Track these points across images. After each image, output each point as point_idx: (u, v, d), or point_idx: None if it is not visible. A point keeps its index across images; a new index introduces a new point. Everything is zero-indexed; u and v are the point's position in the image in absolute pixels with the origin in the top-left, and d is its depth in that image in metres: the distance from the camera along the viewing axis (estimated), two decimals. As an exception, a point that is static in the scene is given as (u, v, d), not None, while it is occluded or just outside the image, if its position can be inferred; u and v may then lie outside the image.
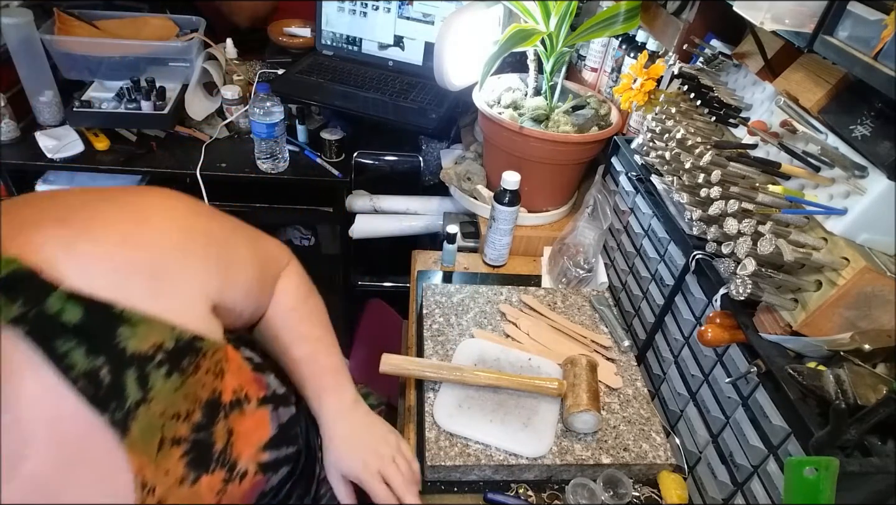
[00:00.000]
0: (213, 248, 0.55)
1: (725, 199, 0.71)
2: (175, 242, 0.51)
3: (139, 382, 0.46)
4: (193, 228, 0.54)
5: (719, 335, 0.70)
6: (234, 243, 0.61)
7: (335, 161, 1.49)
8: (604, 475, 0.79)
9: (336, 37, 1.57)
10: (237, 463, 0.56)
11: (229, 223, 0.62)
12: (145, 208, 0.51)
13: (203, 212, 0.57)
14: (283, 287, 0.71)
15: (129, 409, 0.46)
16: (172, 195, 0.54)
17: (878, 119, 0.61)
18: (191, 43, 1.50)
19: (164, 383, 0.48)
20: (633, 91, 1.02)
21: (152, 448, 0.48)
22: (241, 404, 0.57)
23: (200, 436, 0.52)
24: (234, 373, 0.57)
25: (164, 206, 0.52)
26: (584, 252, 1.13)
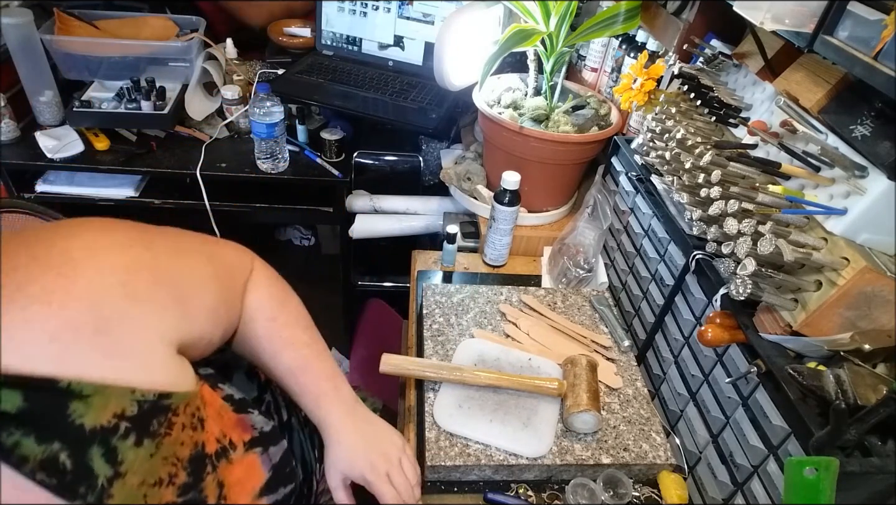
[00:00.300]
0: (161, 282, 0.48)
1: (725, 199, 0.71)
2: (114, 288, 0.44)
3: (107, 458, 0.41)
4: (133, 265, 0.47)
5: (719, 335, 0.70)
6: (185, 268, 0.53)
7: (335, 161, 1.49)
8: (604, 475, 0.79)
9: (336, 37, 1.57)
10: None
11: (175, 245, 0.55)
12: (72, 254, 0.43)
13: (141, 241, 0.50)
14: (256, 299, 0.65)
15: (101, 488, 0.41)
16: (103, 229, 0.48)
17: (878, 119, 0.61)
18: (191, 43, 1.50)
19: (135, 453, 0.43)
20: (633, 91, 1.02)
21: None
22: (227, 453, 0.53)
23: (190, 497, 0.48)
24: (215, 419, 0.52)
25: (93, 248, 0.45)
26: (584, 252, 1.13)
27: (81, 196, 1.44)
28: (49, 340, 0.39)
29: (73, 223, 0.48)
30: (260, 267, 0.68)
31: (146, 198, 1.46)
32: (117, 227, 0.49)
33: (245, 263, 0.66)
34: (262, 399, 0.72)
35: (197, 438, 0.49)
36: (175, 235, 0.56)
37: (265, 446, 0.58)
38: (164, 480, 0.46)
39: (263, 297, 0.66)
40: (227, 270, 0.62)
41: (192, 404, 0.49)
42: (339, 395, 0.70)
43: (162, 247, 0.52)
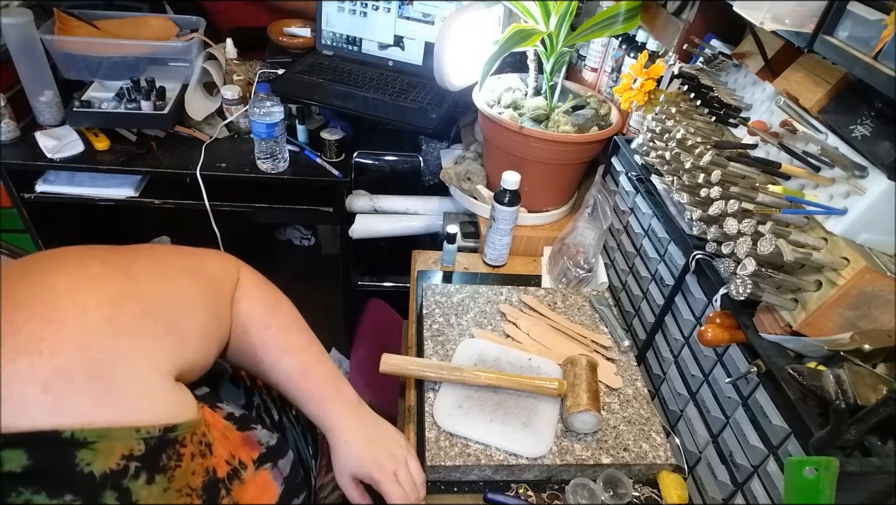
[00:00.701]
0: (148, 311, 0.47)
1: (725, 199, 0.71)
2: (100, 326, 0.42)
3: (121, 500, 0.41)
4: (117, 298, 0.45)
5: (719, 335, 0.70)
6: (170, 292, 0.51)
7: (335, 161, 1.49)
8: (604, 475, 0.79)
9: (336, 37, 1.57)
10: None
11: (156, 267, 0.52)
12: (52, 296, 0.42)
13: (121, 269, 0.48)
14: (246, 308, 0.64)
15: None
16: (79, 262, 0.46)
17: (878, 119, 0.61)
18: (191, 43, 1.50)
19: (149, 491, 0.42)
20: (633, 91, 1.02)
21: None
22: (238, 474, 0.52)
23: None
24: (222, 441, 0.52)
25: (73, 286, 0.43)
26: (584, 252, 1.13)
27: (81, 196, 1.44)
28: (43, 392, 0.38)
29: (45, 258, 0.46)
30: (247, 274, 0.66)
31: (146, 198, 1.46)
32: (93, 257, 0.47)
33: (231, 272, 0.64)
34: (251, 403, 0.72)
35: (207, 465, 0.48)
36: (154, 255, 0.54)
37: (274, 461, 0.58)
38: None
39: (254, 305, 0.65)
40: (214, 284, 0.60)
41: (198, 431, 0.48)
42: (343, 397, 0.70)
43: (143, 272, 0.49)
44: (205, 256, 0.61)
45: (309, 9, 1.68)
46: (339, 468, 0.70)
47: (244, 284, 0.65)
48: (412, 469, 0.72)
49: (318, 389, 0.69)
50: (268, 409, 0.74)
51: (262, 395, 0.74)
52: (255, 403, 0.73)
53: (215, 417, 0.53)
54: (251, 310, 0.64)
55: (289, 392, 0.69)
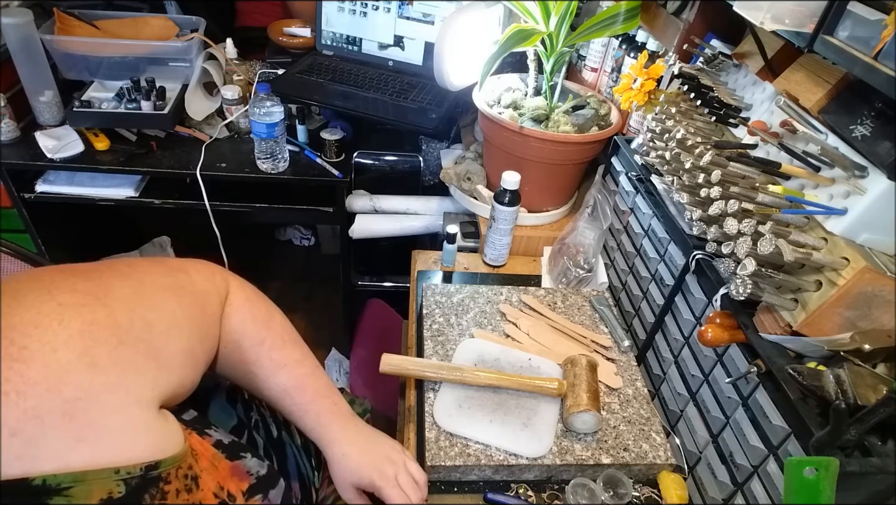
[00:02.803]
0: (125, 340, 0.43)
1: (725, 199, 0.71)
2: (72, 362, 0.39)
3: None
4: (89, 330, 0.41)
5: (719, 335, 0.70)
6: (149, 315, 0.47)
7: (335, 161, 1.49)
8: (604, 475, 0.79)
9: (336, 37, 1.57)
10: None
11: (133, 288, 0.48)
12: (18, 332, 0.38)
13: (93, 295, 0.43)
14: (238, 322, 0.61)
15: None
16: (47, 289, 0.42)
17: (878, 119, 0.61)
18: (191, 43, 1.50)
19: None
20: (633, 91, 1.02)
21: None
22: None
23: None
24: (210, 472, 0.49)
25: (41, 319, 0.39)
26: (584, 252, 1.13)
27: (81, 196, 1.44)
28: (12, 435, 0.35)
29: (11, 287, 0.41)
30: (237, 287, 0.63)
31: (146, 198, 1.46)
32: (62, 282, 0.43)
33: (218, 286, 0.61)
34: (249, 419, 0.71)
35: (194, 500, 0.45)
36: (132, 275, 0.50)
37: (265, 492, 0.55)
38: None
39: (246, 320, 0.62)
40: (199, 301, 0.56)
41: (184, 464, 0.45)
42: (339, 410, 0.71)
43: (118, 296, 0.45)
44: (189, 269, 0.57)
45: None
46: (340, 481, 0.70)
47: (234, 298, 0.62)
48: (412, 471, 0.72)
49: (315, 403, 0.68)
50: (266, 424, 0.74)
51: (260, 409, 0.74)
52: (254, 418, 0.72)
53: (204, 446, 0.50)
54: (243, 325, 0.61)
55: (284, 407, 0.68)
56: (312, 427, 0.69)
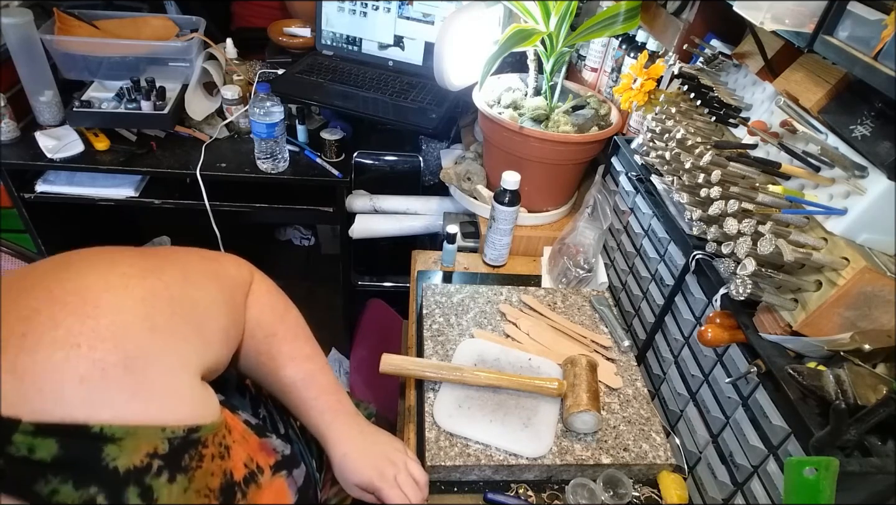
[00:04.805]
0: (178, 312, 0.48)
1: (725, 199, 0.71)
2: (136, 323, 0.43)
3: (143, 497, 0.41)
4: (150, 297, 0.46)
5: (719, 335, 0.70)
6: (196, 295, 0.52)
7: (335, 161, 1.49)
8: (604, 475, 0.79)
9: (336, 37, 1.57)
10: None
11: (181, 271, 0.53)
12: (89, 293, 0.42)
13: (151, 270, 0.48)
14: (256, 313, 0.64)
15: None
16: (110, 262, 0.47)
17: (878, 119, 0.61)
18: (191, 43, 1.50)
19: (169, 490, 0.43)
20: (633, 91, 1.02)
21: None
22: (255, 478, 0.52)
23: None
24: (241, 444, 0.52)
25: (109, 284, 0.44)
26: (584, 252, 1.13)
27: (81, 196, 1.44)
28: (79, 383, 0.39)
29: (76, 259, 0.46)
30: (259, 280, 0.67)
31: (146, 198, 1.46)
32: (122, 257, 0.48)
33: (245, 277, 0.65)
34: (258, 414, 0.72)
35: (225, 467, 0.49)
36: (178, 259, 0.54)
37: (289, 470, 0.58)
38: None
39: (264, 311, 0.65)
40: (231, 286, 0.61)
41: (220, 433, 0.48)
42: (343, 408, 0.71)
43: (171, 275, 0.50)
44: (222, 259, 0.62)
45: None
46: (343, 480, 0.71)
47: (256, 289, 0.65)
48: (413, 471, 0.72)
49: (319, 400, 0.68)
50: (273, 421, 0.74)
51: (267, 406, 0.74)
52: (262, 414, 0.72)
53: (234, 420, 0.53)
54: (260, 315, 0.64)
55: (290, 400, 0.69)
56: (316, 424, 0.69)
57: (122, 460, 0.40)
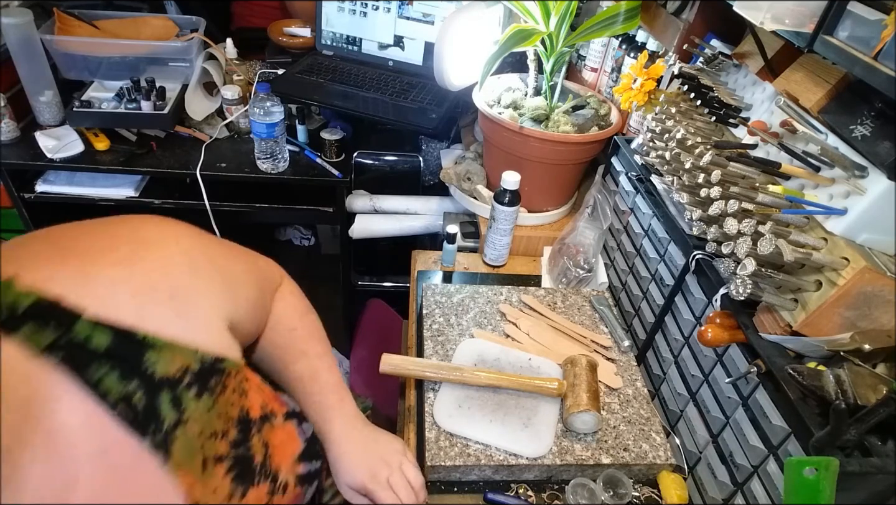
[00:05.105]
0: (216, 267, 0.54)
1: (725, 199, 0.71)
2: (182, 263, 0.50)
3: (173, 404, 0.46)
4: (194, 248, 0.53)
5: (719, 335, 0.70)
6: (233, 262, 0.60)
7: (335, 161, 1.49)
8: (604, 475, 0.79)
9: (336, 37, 1.57)
10: (278, 475, 0.55)
11: (224, 243, 0.61)
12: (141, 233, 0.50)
13: (196, 232, 0.55)
14: (281, 308, 0.70)
15: (167, 431, 0.46)
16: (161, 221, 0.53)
17: (878, 119, 0.61)
18: (191, 43, 1.50)
19: (196, 404, 0.48)
20: (633, 91, 1.02)
21: (197, 468, 0.48)
22: (269, 419, 0.56)
23: (240, 452, 0.51)
24: (256, 391, 0.56)
25: (159, 230, 0.51)
26: (584, 252, 1.13)
27: (81, 196, 1.44)
28: (131, 297, 0.45)
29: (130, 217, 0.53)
30: (288, 281, 0.74)
31: (146, 198, 1.46)
32: (172, 220, 0.55)
33: (276, 275, 0.72)
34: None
35: (243, 404, 0.53)
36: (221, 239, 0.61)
37: (299, 420, 0.62)
38: (218, 433, 0.50)
39: (288, 307, 0.71)
40: (263, 276, 0.67)
41: (240, 374, 0.53)
42: (343, 407, 0.72)
43: (215, 245, 0.57)
44: (260, 256, 0.69)
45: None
46: (337, 482, 0.71)
47: (284, 288, 0.72)
48: (408, 474, 0.71)
49: (321, 396, 0.70)
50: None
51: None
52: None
53: (252, 374, 0.57)
54: (284, 311, 0.70)
55: (296, 395, 0.70)
56: (315, 420, 0.70)
57: (160, 368, 0.46)
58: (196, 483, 0.47)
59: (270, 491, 0.54)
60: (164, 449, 0.45)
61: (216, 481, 0.49)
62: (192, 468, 0.47)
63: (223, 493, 0.50)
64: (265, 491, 0.53)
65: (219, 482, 0.49)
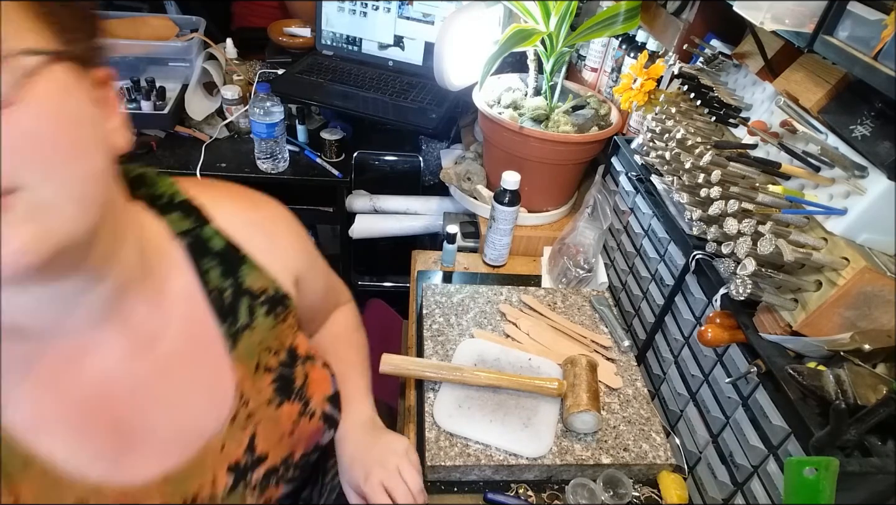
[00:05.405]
0: (303, 241, 0.67)
1: (725, 199, 0.71)
2: (284, 220, 0.64)
3: (249, 310, 0.57)
4: (292, 220, 0.66)
5: (719, 335, 0.70)
6: (315, 252, 0.71)
7: (335, 161, 1.49)
8: (604, 475, 0.79)
9: (336, 37, 1.57)
10: (309, 402, 0.62)
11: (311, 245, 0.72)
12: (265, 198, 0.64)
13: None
14: (336, 317, 0.82)
15: (239, 328, 0.56)
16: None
17: (878, 119, 0.61)
18: (191, 43, 1.50)
19: (264, 319, 0.58)
20: (633, 91, 1.02)
21: (251, 367, 0.57)
22: (311, 359, 0.65)
23: (285, 371, 0.60)
24: (304, 340, 0.65)
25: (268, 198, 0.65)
26: (584, 252, 1.13)
27: (81, 196, 1.43)
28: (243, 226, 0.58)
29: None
30: (352, 306, 0.86)
31: (146, 198, 1.46)
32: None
33: (346, 295, 0.85)
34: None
35: (294, 339, 0.63)
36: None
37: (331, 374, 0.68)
38: (272, 349, 0.59)
39: (341, 318, 0.82)
40: (333, 286, 0.80)
41: (295, 319, 0.63)
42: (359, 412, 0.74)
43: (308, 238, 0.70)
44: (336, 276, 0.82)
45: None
46: (343, 482, 0.72)
47: (347, 308, 0.85)
48: (405, 476, 0.70)
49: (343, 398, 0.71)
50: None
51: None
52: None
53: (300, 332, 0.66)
54: (337, 320, 0.82)
55: None
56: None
57: (248, 281, 0.57)
58: (247, 378, 0.56)
59: (300, 412, 0.61)
60: (233, 340, 0.55)
61: (262, 385, 0.58)
62: (248, 366, 0.57)
63: (265, 396, 0.58)
64: (297, 410, 0.61)
65: (264, 386, 0.58)
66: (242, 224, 0.58)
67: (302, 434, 0.61)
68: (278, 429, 0.59)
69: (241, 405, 0.55)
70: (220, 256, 0.55)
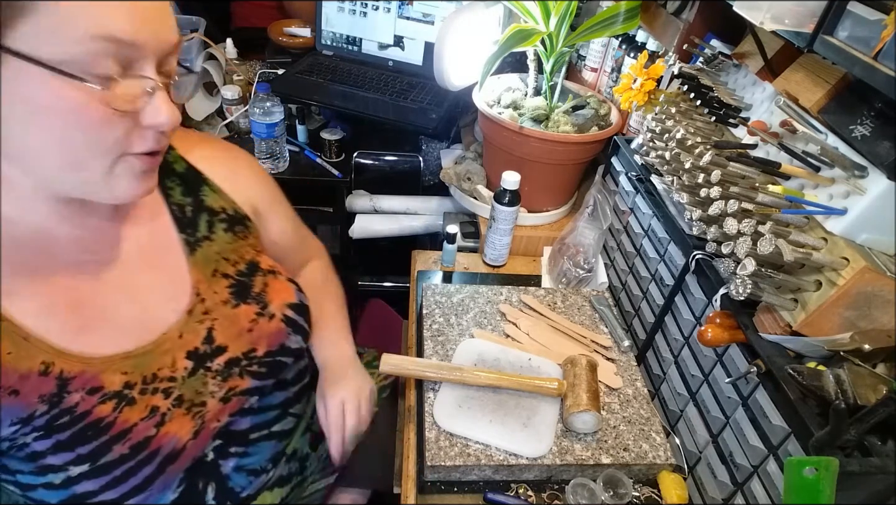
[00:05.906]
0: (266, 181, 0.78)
1: (725, 199, 0.71)
2: (247, 161, 0.76)
3: (208, 225, 0.67)
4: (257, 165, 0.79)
5: (719, 335, 0.70)
6: (280, 195, 0.82)
7: (335, 161, 1.49)
8: (604, 475, 0.79)
9: (336, 37, 1.57)
10: (268, 305, 0.70)
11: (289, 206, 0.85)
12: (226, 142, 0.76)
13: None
14: (310, 267, 0.92)
15: (198, 238, 0.66)
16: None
17: (878, 119, 0.61)
18: (191, 43, 1.50)
19: (222, 234, 0.68)
20: (633, 91, 1.02)
21: (208, 272, 0.66)
22: (274, 273, 0.73)
23: (243, 279, 0.69)
24: (268, 259, 0.74)
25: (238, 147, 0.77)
26: (584, 252, 1.13)
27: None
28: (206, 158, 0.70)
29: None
30: (327, 260, 0.96)
31: (146, 198, 1.46)
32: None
33: (319, 250, 0.95)
34: None
35: (256, 256, 0.72)
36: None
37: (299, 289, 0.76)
38: (230, 260, 0.68)
39: (316, 269, 0.92)
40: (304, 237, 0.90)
41: (257, 240, 0.73)
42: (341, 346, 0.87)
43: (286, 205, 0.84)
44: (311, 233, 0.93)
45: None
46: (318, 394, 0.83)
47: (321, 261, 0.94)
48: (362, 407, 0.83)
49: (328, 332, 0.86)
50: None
51: None
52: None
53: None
54: (312, 268, 0.92)
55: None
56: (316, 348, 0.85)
57: (208, 200, 0.68)
58: (203, 280, 0.66)
59: (258, 313, 0.69)
60: (191, 248, 0.65)
61: (218, 287, 0.67)
62: (205, 271, 0.66)
63: (221, 297, 0.66)
64: (253, 311, 0.68)
65: (220, 289, 0.67)
66: (207, 157, 0.69)
67: (262, 333, 0.69)
68: (236, 325, 0.67)
69: (197, 301, 0.64)
70: (181, 177, 0.66)
